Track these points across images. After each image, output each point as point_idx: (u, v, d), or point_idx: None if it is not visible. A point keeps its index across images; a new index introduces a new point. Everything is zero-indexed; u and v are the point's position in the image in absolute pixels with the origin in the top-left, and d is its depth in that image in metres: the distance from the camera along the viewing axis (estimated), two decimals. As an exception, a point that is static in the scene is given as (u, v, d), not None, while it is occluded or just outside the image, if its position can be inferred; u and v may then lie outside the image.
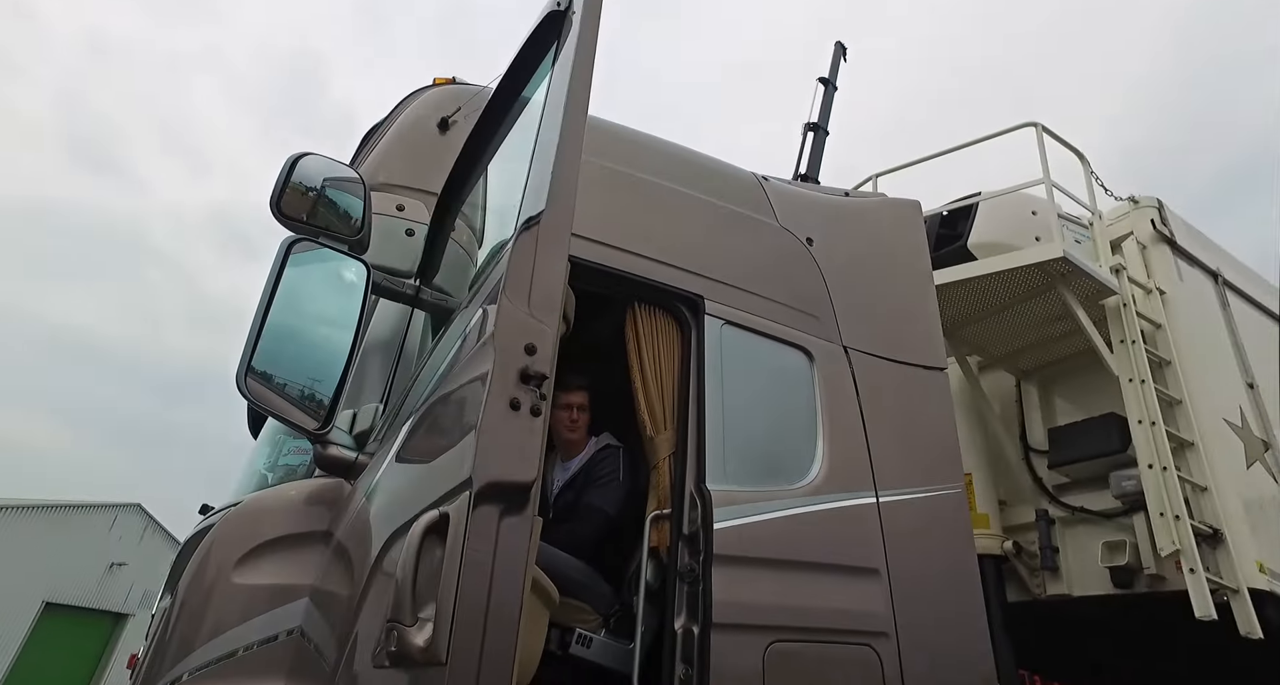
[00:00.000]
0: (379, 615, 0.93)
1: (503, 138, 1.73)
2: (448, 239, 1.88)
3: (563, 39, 1.29)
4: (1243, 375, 3.92)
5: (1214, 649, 3.20)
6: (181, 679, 1.38)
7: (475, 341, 1.01)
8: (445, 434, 0.99)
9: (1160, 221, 4.19)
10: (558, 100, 1.15)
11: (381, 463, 1.30)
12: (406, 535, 0.86)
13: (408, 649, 0.77)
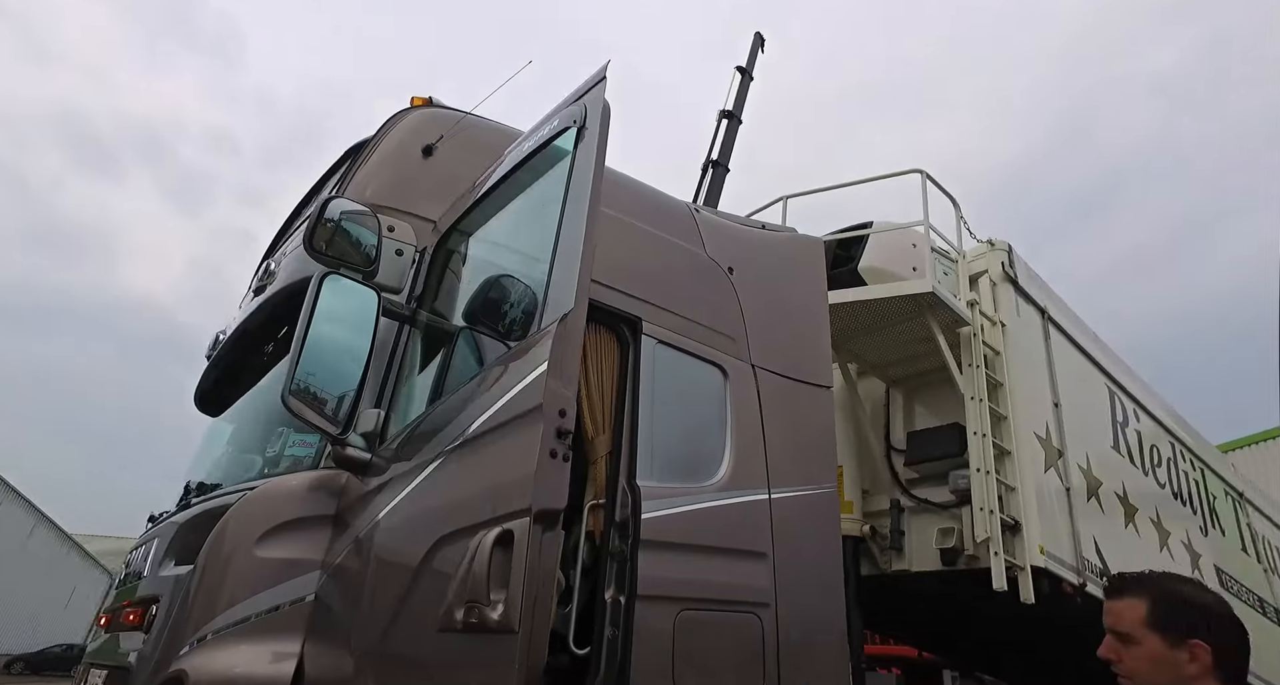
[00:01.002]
0: (440, 595, 1.28)
1: (505, 204, 2.05)
2: (444, 268, 2.17)
3: (577, 147, 1.64)
4: (1052, 396, 4.81)
5: (1005, 609, 4.03)
6: (206, 638, 1.67)
7: (521, 403, 1.36)
8: (497, 470, 1.35)
9: (1008, 264, 4.99)
10: (577, 213, 1.50)
11: (415, 476, 1.62)
12: (473, 540, 1.23)
13: (486, 621, 1.14)
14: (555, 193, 1.67)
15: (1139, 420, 5.85)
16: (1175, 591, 1.35)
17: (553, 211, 1.66)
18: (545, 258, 1.61)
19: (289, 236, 2.79)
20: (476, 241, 2.19)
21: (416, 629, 1.39)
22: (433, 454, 1.59)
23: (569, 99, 1.81)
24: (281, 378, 2.31)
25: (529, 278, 2.14)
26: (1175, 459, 6.20)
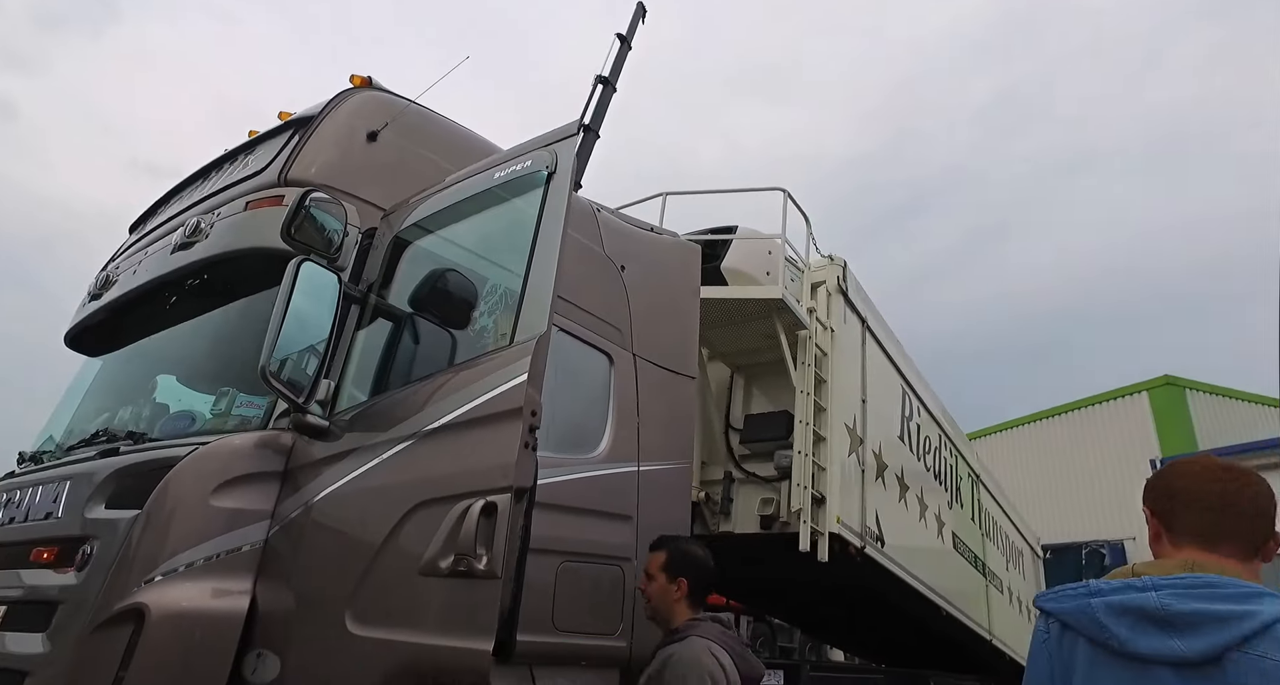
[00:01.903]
0: (420, 546, 1.61)
1: (470, 216, 2.31)
2: (397, 257, 2.38)
3: (547, 191, 1.96)
4: (861, 393, 5.79)
5: (814, 568, 4.91)
6: (159, 577, 1.85)
7: (503, 403, 1.69)
8: (480, 454, 1.67)
9: (843, 278, 5.86)
10: (549, 251, 1.85)
11: (390, 448, 1.89)
12: (456, 507, 1.56)
13: (474, 570, 1.49)
14: (520, 220, 1.98)
15: (919, 415, 7.12)
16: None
17: (518, 237, 1.97)
18: (506, 270, 1.92)
19: (217, 195, 2.77)
20: (436, 240, 2.42)
21: (396, 572, 1.69)
22: (410, 431, 1.86)
23: (541, 140, 2.11)
24: (227, 341, 2.43)
25: (477, 277, 2.43)
26: (939, 447, 7.62)
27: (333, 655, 1.74)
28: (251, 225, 2.46)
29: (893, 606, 6.40)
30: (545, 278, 1.89)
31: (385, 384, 2.16)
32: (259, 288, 2.55)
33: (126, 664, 1.77)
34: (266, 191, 2.50)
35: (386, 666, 1.66)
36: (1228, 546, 1.25)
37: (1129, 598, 1.22)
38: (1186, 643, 1.13)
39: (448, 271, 2.31)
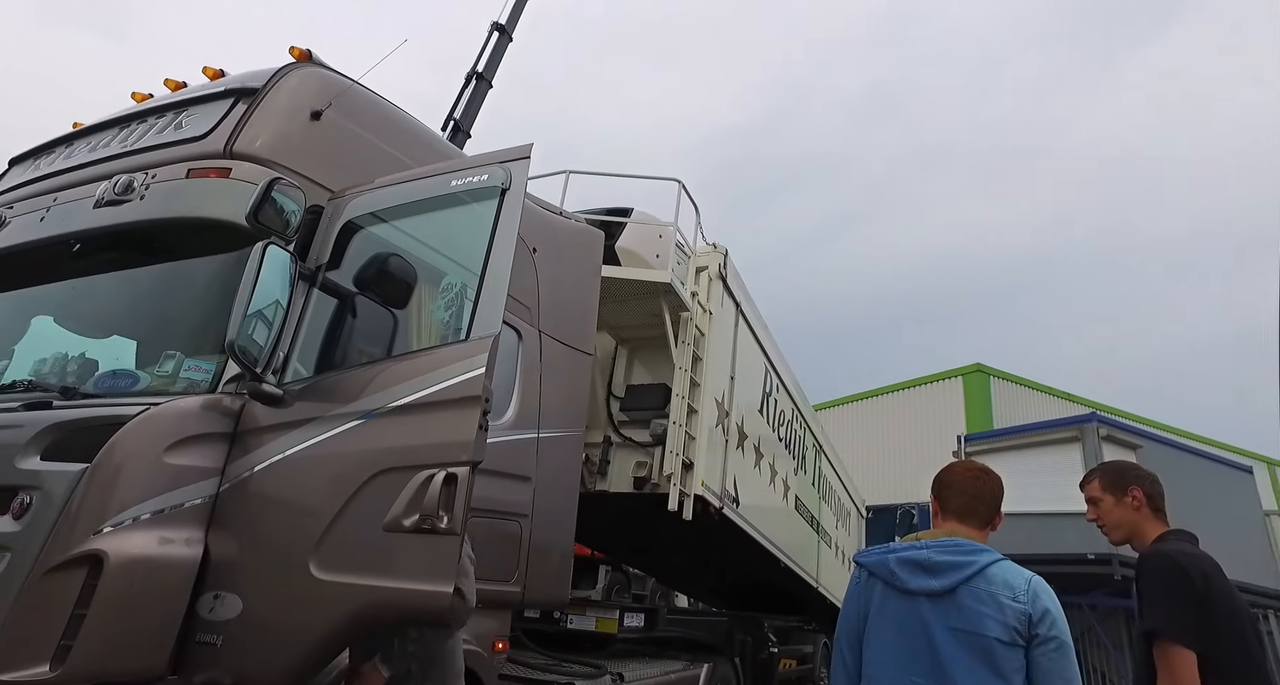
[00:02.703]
0: (384, 506, 1.91)
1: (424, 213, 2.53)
2: (348, 240, 2.55)
3: (502, 204, 2.25)
4: (730, 371, 6.44)
5: (676, 525, 5.51)
6: (111, 528, 2.02)
7: (463, 389, 1.99)
8: (442, 431, 1.95)
9: (723, 265, 6.42)
10: (502, 259, 2.15)
11: (351, 420, 2.12)
12: (418, 475, 1.87)
13: (437, 528, 1.81)
14: (473, 225, 2.26)
15: (777, 391, 7.96)
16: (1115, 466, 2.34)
17: (470, 240, 2.25)
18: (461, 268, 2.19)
19: (146, 153, 2.72)
20: (391, 231, 2.59)
21: (360, 527, 1.96)
22: (373, 406, 2.09)
23: (496, 156, 2.37)
24: (165, 305, 2.53)
25: (429, 270, 2.68)
26: (791, 420, 8.56)
27: (298, 596, 1.99)
28: (194, 193, 2.49)
29: (739, 559, 7.25)
30: (499, 283, 2.19)
31: (332, 359, 2.37)
32: (198, 255, 2.62)
33: (85, 603, 1.93)
34: (212, 162, 2.53)
35: (351, 606, 1.94)
36: (973, 521, 1.86)
37: (911, 554, 1.80)
38: (938, 581, 1.72)
39: (395, 258, 2.52)
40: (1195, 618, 1.90)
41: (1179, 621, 1.91)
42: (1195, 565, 1.98)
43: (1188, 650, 1.87)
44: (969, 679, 1.63)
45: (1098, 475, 2.36)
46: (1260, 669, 1.96)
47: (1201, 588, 1.93)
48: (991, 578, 1.69)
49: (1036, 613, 1.64)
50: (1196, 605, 1.91)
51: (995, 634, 1.63)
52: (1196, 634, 1.88)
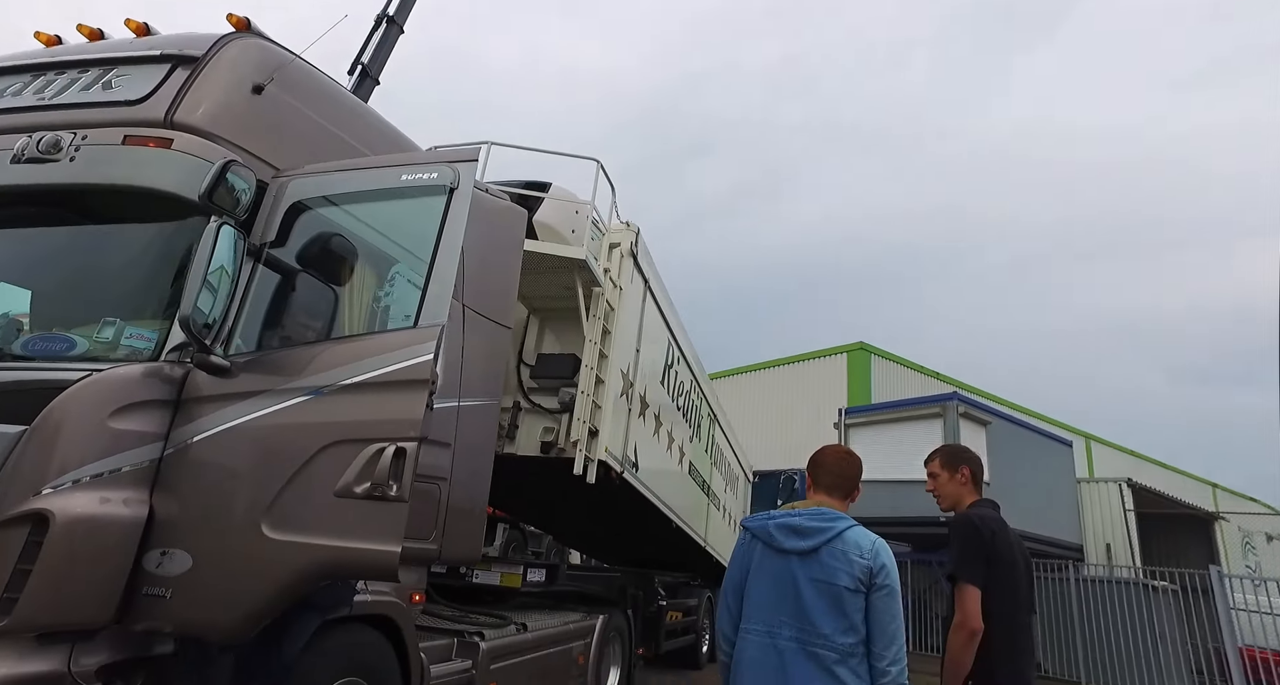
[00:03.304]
0: (334, 475, 2.11)
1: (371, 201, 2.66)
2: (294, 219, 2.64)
3: (450, 203, 2.44)
4: (636, 344, 6.80)
5: (579, 487, 5.87)
6: (48, 490, 2.12)
7: (413, 373, 2.19)
8: (392, 409, 2.15)
9: (635, 243, 6.72)
10: (450, 255, 2.35)
11: (303, 394, 2.26)
12: (368, 448, 2.08)
13: (386, 496, 2.04)
14: (420, 217, 2.45)
15: (678, 363, 8.43)
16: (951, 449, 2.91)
17: (417, 231, 2.43)
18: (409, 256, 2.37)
19: (69, 109, 2.64)
20: (340, 214, 2.68)
21: (311, 491, 2.14)
22: (325, 382, 2.23)
23: (444, 155, 2.53)
24: (96, 270, 2.56)
25: (378, 255, 2.83)
26: (690, 390, 9.08)
27: (250, 554, 2.15)
28: (131, 161, 2.47)
29: (635, 519, 7.74)
30: (446, 277, 2.39)
31: (274, 334, 2.49)
32: (132, 221, 2.62)
33: (30, 559, 2.02)
34: (151, 131, 2.50)
35: (303, 562, 2.13)
36: (836, 493, 2.30)
37: (786, 520, 2.22)
38: (806, 542, 2.15)
39: (340, 241, 2.65)
40: (982, 564, 2.47)
41: (970, 566, 2.47)
42: (986, 525, 2.55)
43: (974, 587, 2.43)
44: (822, 619, 2.07)
45: (939, 455, 2.89)
46: (1025, 602, 2.58)
47: (989, 541, 2.51)
48: (846, 540, 2.13)
49: (876, 567, 2.10)
50: (984, 555, 2.48)
51: (845, 584, 2.08)
52: (982, 575, 2.45)
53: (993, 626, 2.43)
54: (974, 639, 2.40)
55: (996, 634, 2.43)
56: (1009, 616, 2.49)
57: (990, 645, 2.42)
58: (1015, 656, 2.52)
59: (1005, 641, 2.47)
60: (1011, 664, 2.49)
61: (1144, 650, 10.94)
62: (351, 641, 3.09)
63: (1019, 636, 2.54)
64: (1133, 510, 14.08)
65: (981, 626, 2.41)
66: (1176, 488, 20.31)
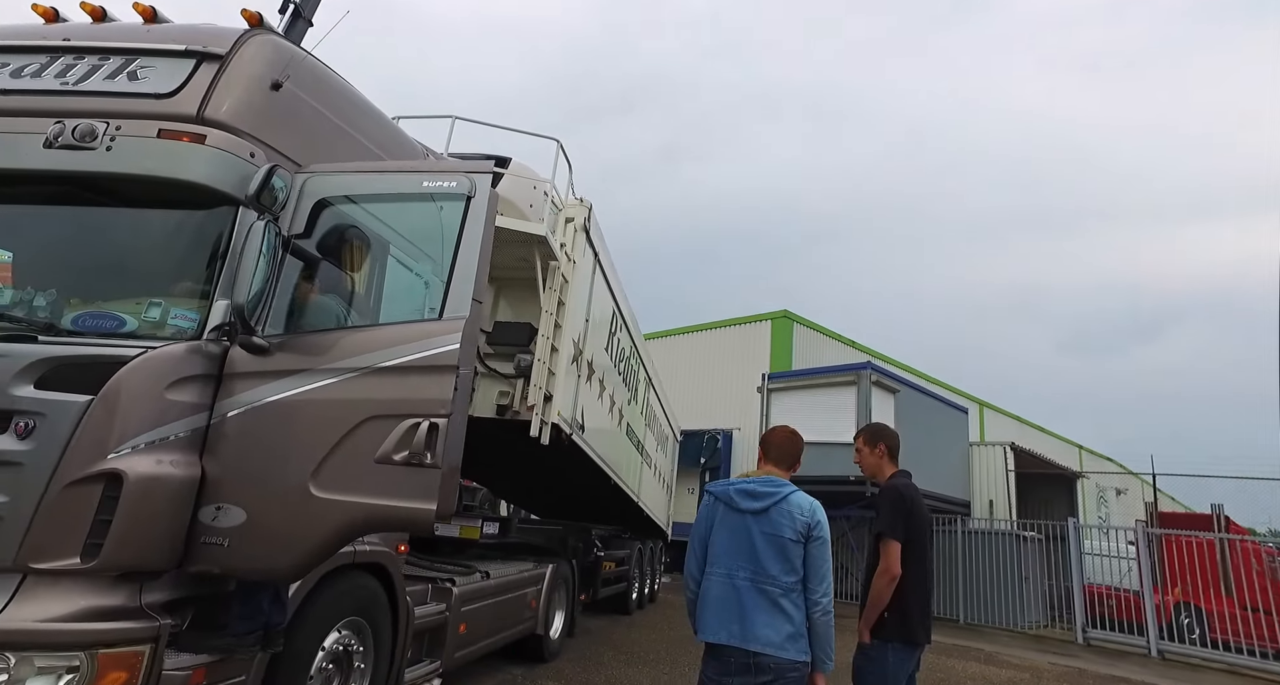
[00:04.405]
0: (374, 444, 2.49)
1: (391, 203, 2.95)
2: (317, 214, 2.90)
3: (468, 209, 2.79)
4: (585, 314, 7.21)
5: (528, 447, 6.30)
6: (117, 453, 2.42)
7: (443, 359, 2.55)
8: (425, 389, 2.51)
9: (587, 218, 7.07)
10: (470, 255, 2.71)
11: (344, 374, 2.58)
12: (404, 422, 2.46)
13: (424, 463, 2.43)
14: (440, 220, 2.78)
15: (621, 330, 8.89)
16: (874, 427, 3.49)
17: (436, 232, 2.78)
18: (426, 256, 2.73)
19: (95, 96, 2.75)
20: (361, 213, 2.95)
21: (353, 458, 2.49)
22: (362, 364, 2.53)
23: (461, 165, 2.85)
24: (139, 254, 2.80)
25: (383, 245, 3.14)
26: (630, 356, 9.59)
27: (301, 510, 2.48)
28: (167, 154, 2.64)
29: (577, 477, 8.27)
30: (467, 275, 2.74)
31: (301, 317, 2.81)
32: (167, 209, 2.82)
33: (108, 511, 2.31)
34: (186, 126, 2.65)
35: (347, 517, 2.48)
36: (782, 465, 2.86)
37: (743, 485, 2.76)
38: (758, 503, 2.70)
39: (361, 235, 2.96)
40: (903, 523, 3.11)
41: (894, 526, 3.11)
42: (907, 493, 3.20)
43: (897, 542, 3.07)
44: (771, 563, 2.63)
45: (862, 433, 3.52)
46: (926, 552, 3.23)
47: (909, 506, 3.15)
48: (790, 502, 2.70)
49: (813, 523, 2.68)
50: (904, 516, 3.12)
51: (789, 536, 2.64)
52: (903, 532, 3.09)
53: (909, 571, 3.08)
54: (894, 583, 3.05)
55: (911, 577, 3.09)
56: (920, 563, 3.16)
57: (905, 586, 3.08)
58: (923, 595, 3.20)
59: (918, 582, 3.13)
60: (920, 599, 3.16)
61: (1012, 590, 12.54)
62: (353, 585, 3.49)
63: (926, 580, 3.22)
64: (1013, 471, 15.79)
65: (900, 572, 3.05)
66: (1051, 450, 22.66)
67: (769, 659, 2.52)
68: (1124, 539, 12.45)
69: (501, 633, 5.58)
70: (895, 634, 3.11)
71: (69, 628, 2.25)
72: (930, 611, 3.31)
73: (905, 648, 3.13)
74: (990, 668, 8.67)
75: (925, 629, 3.20)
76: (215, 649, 2.62)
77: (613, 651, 7.48)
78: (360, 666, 3.59)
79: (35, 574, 2.28)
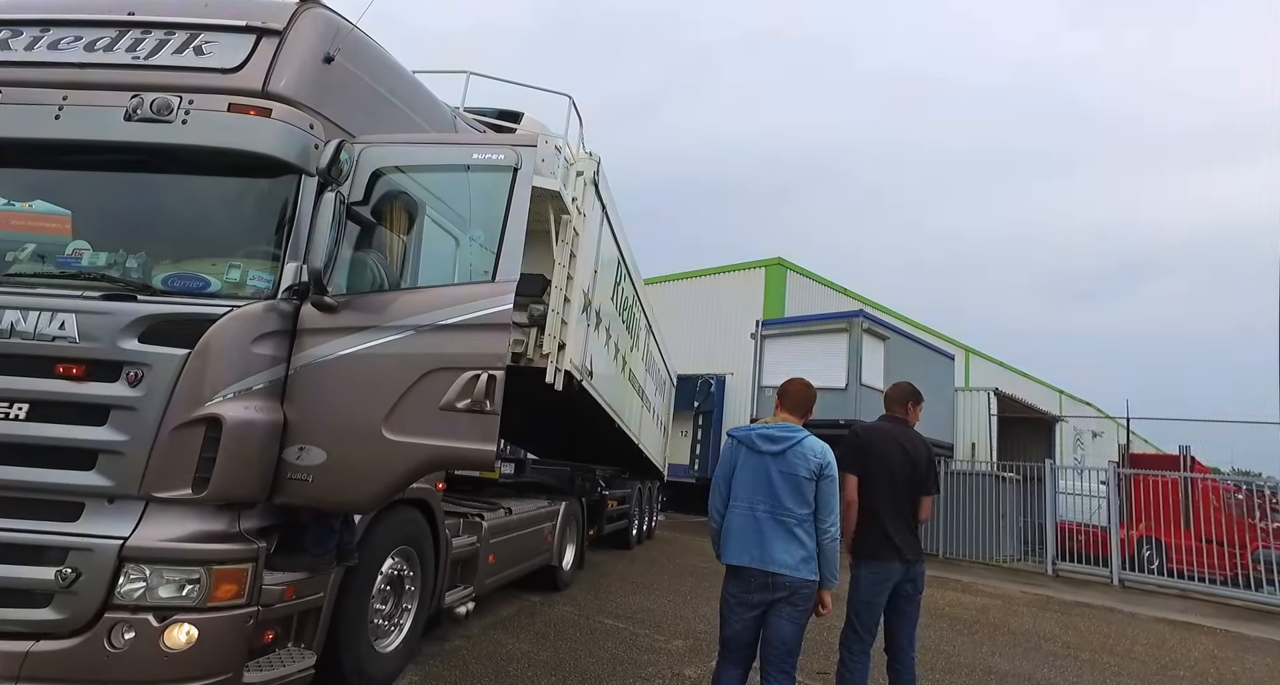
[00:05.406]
0: (437, 394, 2.81)
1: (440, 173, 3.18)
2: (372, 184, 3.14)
3: (515, 180, 3.03)
4: (594, 266, 7.47)
5: (549, 394, 6.66)
6: (219, 398, 2.74)
7: (497, 318, 2.85)
8: (481, 344, 2.81)
9: (596, 171, 7.24)
10: (518, 224, 2.98)
11: (405, 331, 2.88)
12: (464, 374, 2.77)
13: (484, 410, 2.75)
14: (489, 190, 3.04)
15: (624, 280, 9.16)
16: None
17: (486, 201, 3.03)
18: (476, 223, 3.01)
19: (164, 71, 2.92)
20: (413, 182, 3.19)
21: (420, 406, 2.79)
22: (425, 321, 2.81)
23: (508, 139, 3.07)
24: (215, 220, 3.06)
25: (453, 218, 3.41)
26: (632, 304, 9.88)
27: (375, 450, 2.81)
28: (238, 127, 2.82)
29: (584, 421, 8.68)
30: (516, 241, 3.00)
31: (361, 278, 3.09)
32: (238, 177, 3.04)
33: (211, 449, 2.65)
34: (253, 101, 2.83)
35: (417, 457, 2.83)
36: (797, 413, 3.22)
37: (763, 430, 3.12)
38: (776, 446, 3.06)
39: (411, 201, 3.23)
40: (854, 458, 3.58)
41: (847, 461, 3.53)
42: (864, 433, 3.72)
43: (850, 475, 3.53)
44: (787, 498, 3.01)
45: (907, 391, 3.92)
46: (882, 481, 3.61)
47: (864, 441, 3.62)
48: (805, 445, 3.06)
49: (824, 463, 3.05)
50: (856, 451, 3.60)
51: (803, 474, 3.02)
52: (856, 466, 3.57)
53: (864, 499, 3.56)
54: (851, 508, 3.50)
55: (865, 503, 3.56)
56: (873, 492, 3.58)
57: (863, 511, 3.56)
58: (878, 520, 3.57)
59: (871, 508, 3.57)
60: (877, 523, 3.57)
61: (989, 528, 13.32)
62: (403, 518, 3.88)
63: (877, 505, 3.57)
64: (996, 415, 16.44)
65: (854, 499, 3.52)
66: (1032, 394, 23.42)
67: (785, 578, 2.94)
68: (1097, 479, 13.18)
69: (523, 563, 6.07)
70: (863, 552, 3.60)
71: (190, 547, 2.62)
72: (893, 533, 3.60)
73: (874, 563, 3.58)
74: (967, 596, 9.39)
75: (892, 548, 3.58)
76: (301, 567, 3.01)
77: (619, 582, 8.06)
78: (410, 589, 4.02)
79: (155, 502, 2.64)
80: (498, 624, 5.54)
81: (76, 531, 2.61)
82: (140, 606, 2.55)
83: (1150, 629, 8.17)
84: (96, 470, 2.64)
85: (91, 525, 2.62)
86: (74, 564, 2.55)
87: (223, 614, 2.65)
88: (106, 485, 2.63)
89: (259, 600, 2.78)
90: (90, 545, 2.58)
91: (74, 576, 2.53)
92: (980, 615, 8.04)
